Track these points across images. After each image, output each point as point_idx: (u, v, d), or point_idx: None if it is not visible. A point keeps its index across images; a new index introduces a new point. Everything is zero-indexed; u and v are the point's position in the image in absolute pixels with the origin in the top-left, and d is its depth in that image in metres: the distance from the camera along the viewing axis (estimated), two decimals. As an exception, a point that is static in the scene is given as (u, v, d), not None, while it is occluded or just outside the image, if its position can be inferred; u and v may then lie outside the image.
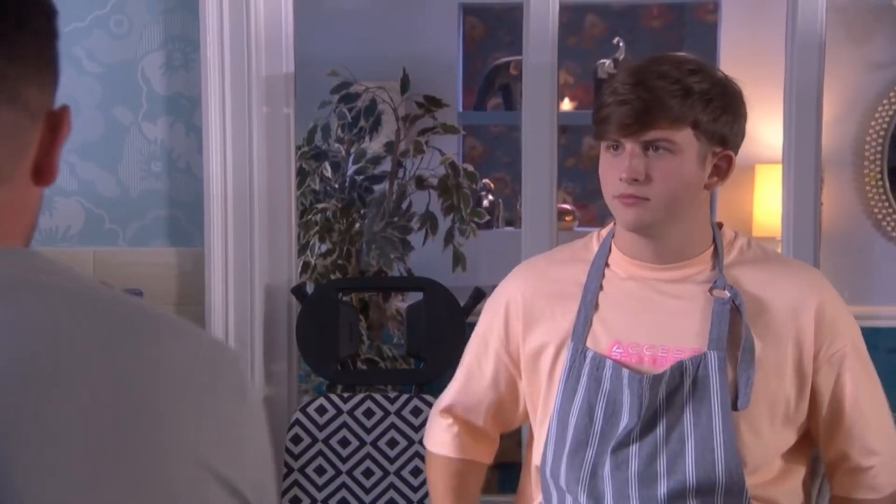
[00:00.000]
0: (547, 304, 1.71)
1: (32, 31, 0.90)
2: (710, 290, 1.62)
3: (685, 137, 1.56)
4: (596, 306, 1.67)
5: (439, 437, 1.85)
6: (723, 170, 1.63)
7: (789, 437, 1.65)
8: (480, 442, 1.85)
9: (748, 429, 1.59)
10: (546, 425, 1.68)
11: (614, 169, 1.59)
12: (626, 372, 1.60)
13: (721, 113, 1.58)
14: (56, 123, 0.92)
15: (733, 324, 1.60)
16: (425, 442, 1.89)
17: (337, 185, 4.00)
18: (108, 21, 2.71)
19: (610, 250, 1.70)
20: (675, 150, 1.56)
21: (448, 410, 1.84)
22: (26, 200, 0.91)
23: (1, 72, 0.86)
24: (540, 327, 1.71)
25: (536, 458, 1.72)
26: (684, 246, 1.64)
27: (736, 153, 1.64)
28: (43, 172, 0.93)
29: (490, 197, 5.06)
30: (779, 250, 2.82)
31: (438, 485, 1.86)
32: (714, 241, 1.66)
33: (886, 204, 3.71)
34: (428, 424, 1.90)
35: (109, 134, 2.73)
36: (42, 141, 0.91)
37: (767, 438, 1.62)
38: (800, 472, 1.68)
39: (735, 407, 1.57)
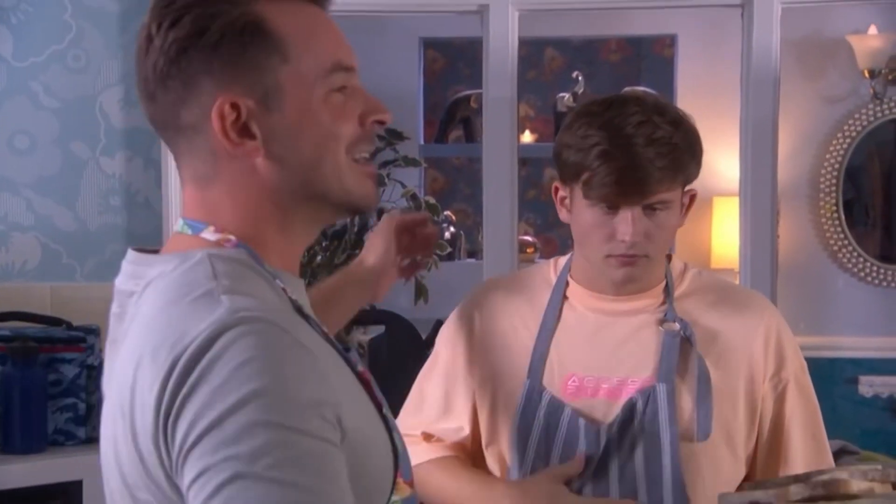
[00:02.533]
0: (504, 336, 1.70)
1: None
2: (661, 323, 1.63)
3: (676, 194, 1.60)
4: (552, 340, 1.67)
5: (424, 454, 1.75)
6: (687, 206, 1.67)
7: (741, 471, 1.66)
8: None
9: (709, 463, 1.60)
10: (496, 454, 1.68)
11: (607, 229, 1.58)
12: (582, 422, 1.60)
13: (699, 162, 1.63)
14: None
15: (685, 355, 1.61)
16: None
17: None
18: (65, 56, 2.70)
19: (567, 283, 1.71)
20: (670, 208, 1.60)
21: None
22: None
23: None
24: (495, 358, 1.70)
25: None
26: (644, 282, 1.66)
27: None
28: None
29: (452, 229, 5.07)
30: (737, 282, 2.85)
31: (448, 480, 1.71)
32: (665, 274, 1.68)
33: (842, 236, 3.75)
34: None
35: (67, 169, 2.71)
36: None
37: (727, 473, 1.63)
38: None
39: (697, 438, 1.58)
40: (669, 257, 1.72)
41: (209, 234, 1.09)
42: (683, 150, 1.57)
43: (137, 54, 1.09)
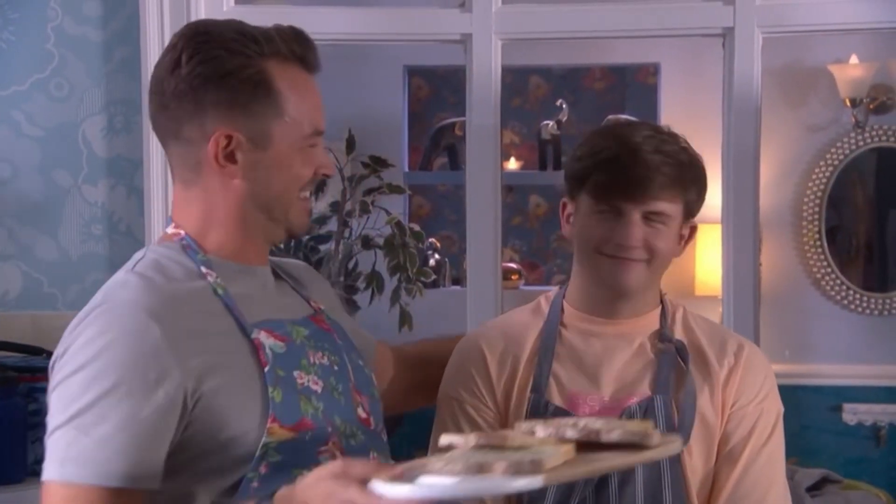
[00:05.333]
0: (515, 372, 1.72)
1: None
2: (658, 341, 1.70)
3: (676, 212, 1.66)
4: (553, 360, 1.70)
5: None
6: (685, 239, 1.73)
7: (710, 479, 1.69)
8: None
9: (692, 475, 1.65)
10: None
11: (606, 231, 1.64)
12: None
13: (700, 192, 1.69)
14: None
15: (678, 372, 1.68)
16: None
17: (282, 246, 3.99)
18: (48, 84, 2.70)
19: (562, 309, 1.75)
20: (668, 223, 1.65)
21: None
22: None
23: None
24: (507, 386, 1.72)
25: None
26: (639, 305, 1.72)
27: None
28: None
29: (436, 256, 5.06)
30: (720, 309, 2.86)
31: None
32: (662, 301, 1.75)
33: (825, 264, 3.76)
34: None
35: (49, 197, 2.70)
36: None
37: (705, 483, 1.66)
38: None
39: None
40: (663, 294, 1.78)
41: (169, 229, 1.44)
42: (688, 168, 1.64)
43: (161, 69, 1.38)
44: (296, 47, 1.42)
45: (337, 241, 3.99)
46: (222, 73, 1.36)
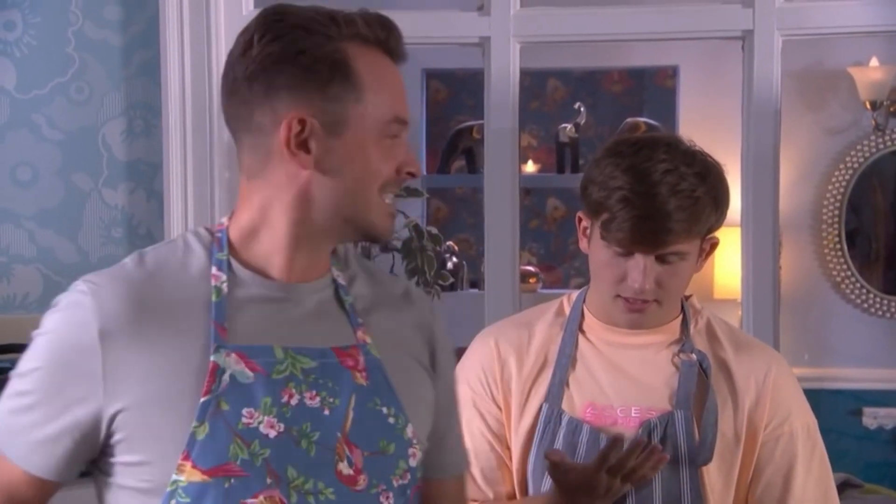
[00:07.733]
0: (521, 370, 1.71)
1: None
2: (679, 353, 1.67)
3: (693, 246, 1.61)
4: (570, 369, 1.69)
5: None
6: (707, 251, 1.68)
7: (729, 498, 1.67)
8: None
9: (711, 491, 1.63)
10: (519, 478, 1.69)
11: (619, 271, 1.61)
12: (603, 437, 1.63)
13: (723, 212, 1.63)
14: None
15: (699, 385, 1.65)
16: None
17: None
18: (68, 88, 2.71)
19: (583, 314, 1.73)
20: (686, 258, 1.61)
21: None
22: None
23: None
24: (519, 393, 1.71)
25: None
26: (658, 318, 1.69)
27: None
28: None
29: (454, 259, 5.07)
30: (739, 313, 2.85)
31: None
32: (683, 309, 1.72)
33: (845, 267, 3.75)
34: None
35: (69, 201, 2.72)
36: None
37: (723, 499, 1.65)
38: None
39: (697, 463, 1.61)
40: (689, 296, 1.74)
41: (224, 219, 1.32)
42: (706, 203, 1.58)
43: (232, 53, 1.27)
44: (379, 32, 1.28)
45: (355, 244, 3.98)
46: (296, 52, 1.24)
